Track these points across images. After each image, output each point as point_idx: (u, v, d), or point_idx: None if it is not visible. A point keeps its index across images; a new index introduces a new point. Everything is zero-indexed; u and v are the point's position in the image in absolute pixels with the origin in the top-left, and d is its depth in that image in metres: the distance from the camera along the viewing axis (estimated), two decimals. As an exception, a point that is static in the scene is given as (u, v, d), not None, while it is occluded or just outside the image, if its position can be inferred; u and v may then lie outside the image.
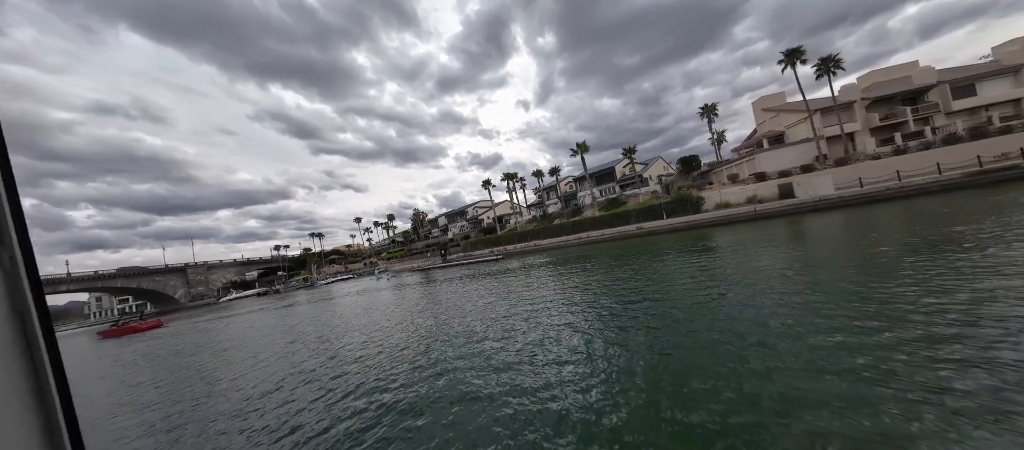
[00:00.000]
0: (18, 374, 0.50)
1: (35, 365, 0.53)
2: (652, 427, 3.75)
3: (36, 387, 0.52)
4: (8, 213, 0.52)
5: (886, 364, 4.05)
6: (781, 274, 8.91)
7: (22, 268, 0.53)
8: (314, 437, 4.87)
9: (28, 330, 0.53)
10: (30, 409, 0.51)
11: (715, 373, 4.52)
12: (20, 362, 0.51)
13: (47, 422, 0.52)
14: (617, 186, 56.32)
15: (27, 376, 0.52)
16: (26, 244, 0.54)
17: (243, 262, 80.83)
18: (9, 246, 0.52)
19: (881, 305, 5.70)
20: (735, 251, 14.12)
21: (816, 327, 5.34)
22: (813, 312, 5.95)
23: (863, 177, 28.15)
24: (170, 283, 64.71)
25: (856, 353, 4.41)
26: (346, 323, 13.91)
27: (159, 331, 26.11)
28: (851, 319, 5.39)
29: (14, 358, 0.50)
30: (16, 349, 0.51)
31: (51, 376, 0.53)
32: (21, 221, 0.54)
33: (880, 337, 4.68)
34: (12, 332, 0.51)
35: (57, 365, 0.55)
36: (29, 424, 0.50)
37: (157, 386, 9.46)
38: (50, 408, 0.53)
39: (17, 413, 0.49)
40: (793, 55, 35.58)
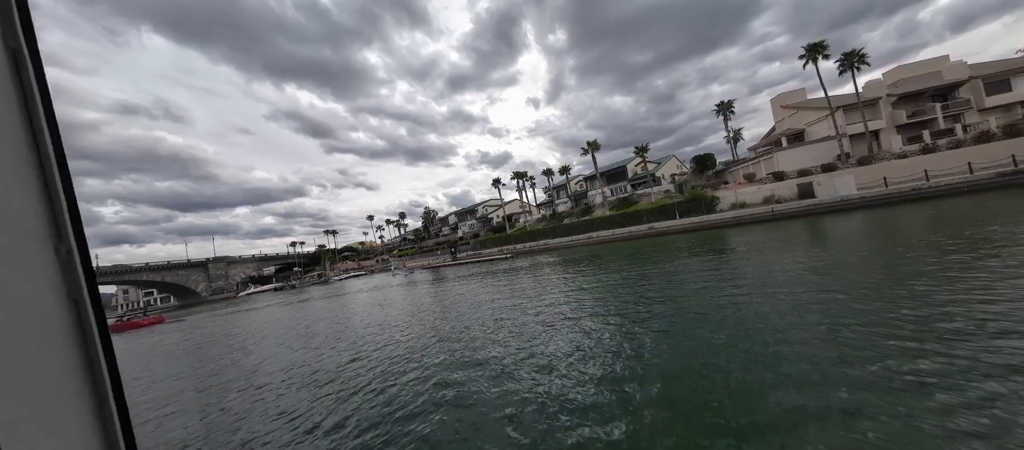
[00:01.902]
0: (75, 356, 0.57)
1: (88, 349, 0.59)
2: (665, 433, 3.83)
3: (90, 372, 0.59)
4: (65, 210, 0.58)
5: (914, 373, 4.07)
6: (802, 277, 8.86)
7: (77, 260, 0.59)
8: (341, 427, 5.09)
9: (83, 317, 0.59)
10: (86, 393, 0.57)
11: (731, 382, 4.57)
12: (76, 346, 0.58)
13: (99, 404, 0.59)
14: (628, 185, 55.94)
15: (82, 360, 0.58)
16: (81, 238, 0.60)
17: (261, 258, 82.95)
18: (66, 240, 0.58)
19: (910, 310, 5.63)
20: (752, 252, 14.02)
21: (839, 332, 5.35)
22: (836, 316, 5.96)
23: (888, 177, 27.50)
24: (192, 277, 67.07)
25: (880, 362, 4.43)
26: (362, 319, 14.23)
27: (161, 327, 26.84)
28: (878, 326, 5.38)
29: (72, 343, 0.57)
30: (73, 335, 0.57)
31: (103, 361, 0.59)
32: (77, 217, 0.60)
33: (911, 346, 4.68)
34: (69, 318, 0.58)
35: (108, 350, 0.61)
36: (84, 404, 0.57)
37: (192, 375, 9.89)
38: (102, 392, 0.59)
39: (74, 393, 0.56)
40: (815, 50, 34.89)
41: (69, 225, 0.59)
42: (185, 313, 38.73)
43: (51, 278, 0.57)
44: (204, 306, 49.62)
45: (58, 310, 0.56)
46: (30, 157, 0.56)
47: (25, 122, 0.56)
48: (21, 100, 0.56)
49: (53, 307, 0.56)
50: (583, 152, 53.53)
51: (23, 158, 0.55)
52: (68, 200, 0.59)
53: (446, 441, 4.21)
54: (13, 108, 0.55)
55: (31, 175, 0.55)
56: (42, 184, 0.57)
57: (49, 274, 0.57)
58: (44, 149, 0.57)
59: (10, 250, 0.52)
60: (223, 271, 72.03)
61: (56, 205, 0.58)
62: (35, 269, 0.55)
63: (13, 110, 0.55)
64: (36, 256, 0.55)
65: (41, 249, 0.56)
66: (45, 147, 0.57)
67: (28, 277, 0.54)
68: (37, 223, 0.56)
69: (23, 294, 0.53)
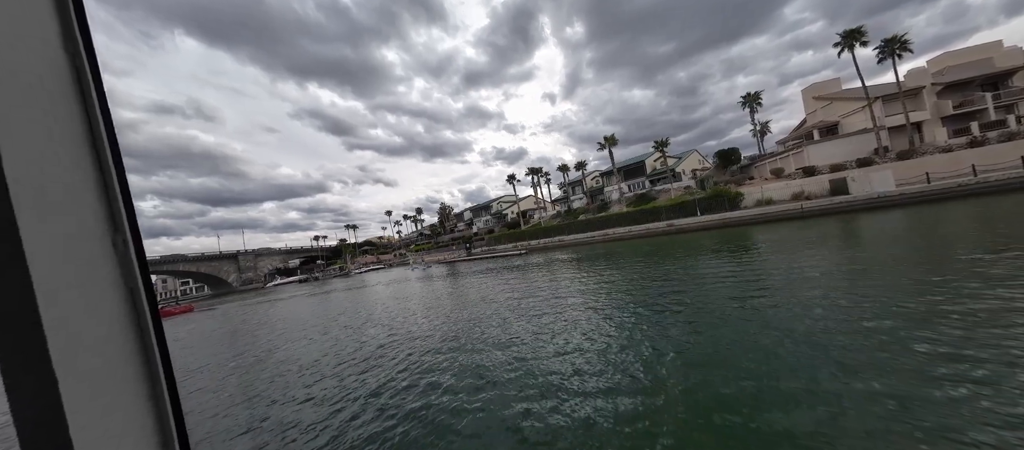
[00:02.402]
0: (132, 340, 0.63)
1: (143, 334, 0.64)
2: (680, 440, 3.69)
3: (144, 356, 0.64)
4: (121, 202, 0.63)
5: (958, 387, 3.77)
6: (835, 278, 8.43)
7: (132, 250, 0.63)
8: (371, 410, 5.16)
9: (137, 304, 0.64)
10: (141, 376, 0.63)
11: (758, 385, 4.36)
12: (132, 331, 0.63)
13: (152, 385, 0.64)
14: (647, 181, 54.80)
15: (138, 345, 0.64)
16: (135, 229, 0.65)
17: (287, 251, 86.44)
18: (122, 231, 0.63)
19: (958, 315, 5.27)
20: (780, 251, 13.44)
21: (876, 335, 5.04)
22: (874, 319, 5.62)
23: (931, 172, 25.88)
24: (224, 268, 70.53)
25: (920, 370, 4.13)
26: (384, 311, 14.52)
27: (191, 315, 28.26)
28: (919, 330, 5.04)
29: (128, 328, 0.63)
30: (130, 321, 0.63)
31: (156, 345, 0.65)
32: (131, 209, 0.65)
33: (955, 355, 4.36)
34: (125, 306, 0.63)
35: (160, 335, 0.66)
36: (140, 386, 0.62)
37: (225, 361, 10.30)
38: (155, 374, 0.65)
39: (132, 376, 0.61)
40: (852, 36, 33.08)
41: (124, 218, 0.63)
42: (217, 302, 40.65)
43: (110, 268, 0.61)
44: (234, 296, 52.44)
45: (116, 298, 0.61)
46: (89, 156, 0.60)
47: (85, 123, 0.61)
48: (81, 102, 0.61)
49: (112, 295, 0.61)
50: (600, 147, 52.72)
51: (84, 156, 0.60)
52: (123, 195, 0.64)
53: (460, 430, 4.22)
54: (74, 110, 0.60)
55: (90, 172, 0.60)
56: (100, 181, 0.61)
57: (108, 264, 0.61)
58: (101, 148, 0.62)
59: (74, 242, 0.57)
60: (252, 263, 75.67)
61: (112, 201, 0.63)
62: (96, 259, 0.59)
63: (74, 112, 0.60)
64: (96, 247, 0.60)
65: (101, 241, 0.61)
66: (102, 146, 0.62)
67: (90, 267, 0.58)
68: (96, 217, 0.61)
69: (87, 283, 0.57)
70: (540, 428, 4.00)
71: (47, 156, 0.55)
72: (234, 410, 6.16)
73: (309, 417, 5.31)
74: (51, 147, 0.56)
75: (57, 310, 0.53)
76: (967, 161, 25.14)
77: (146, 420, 0.63)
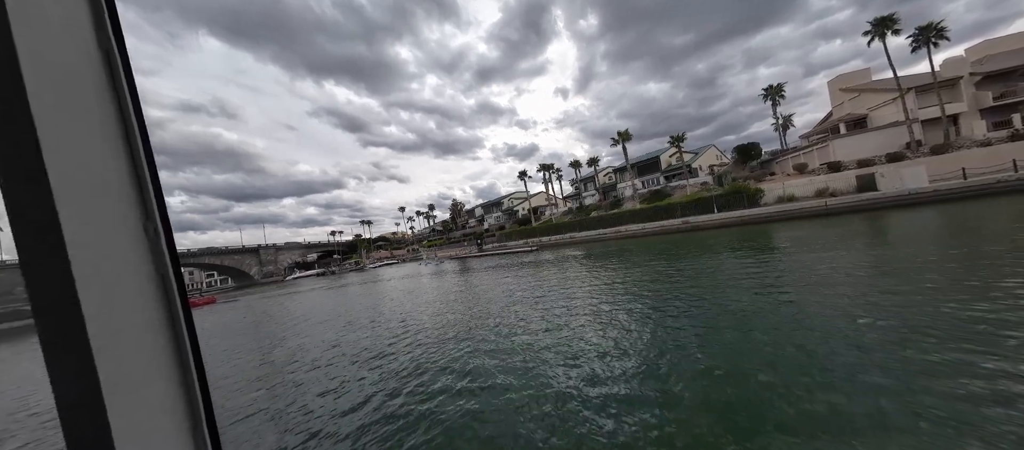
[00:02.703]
0: (163, 326, 0.67)
1: (173, 320, 0.68)
2: (699, 438, 3.53)
3: (175, 342, 0.68)
4: (152, 192, 0.67)
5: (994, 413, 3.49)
6: (862, 278, 8.04)
7: (162, 238, 0.67)
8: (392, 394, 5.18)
9: (168, 290, 0.68)
10: (173, 362, 0.67)
11: (775, 388, 4.16)
12: (164, 316, 0.67)
13: (183, 370, 0.68)
14: (661, 177, 53.78)
15: (169, 332, 0.67)
16: (165, 218, 0.69)
17: (305, 245, 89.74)
18: (153, 219, 0.67)
19: (997, 319, 4.92)
20: (802, 250, 12.94)
21: (907, 338, 4.74)
22: (903, 321, 5.30)
23: (968, 167, 24.56)
24: (246, 261, 73.60)
25: (955, 380, 3.85)
26: (398, 304, 14.74)
27: (214, 307, 29.36)
28: (954, 334, 4.72)
29: (160, 314, 0.66)
30: (161, 306, 0.67)
31: (186, 331, 0.68)
32: (161, 199, 0.69)
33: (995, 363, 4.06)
34: (156, 291, 0.67)
35: (189, 321, 0.70)
36: (171, 371, 0.66)
37: (248, 350, 10.58)
38: (185, 360, 0.68)
39: (163, 362, 0.65)
40: (883, 24, 31.52)
41: (156, 208, 0.67)
42: (240, 294, 42.13)
43: (143, 255, 0.65)
44: (256, 288, 54.95)
45: (148, 284, 0.65)
46: (123, 147, 0.64)
47: (118, 116, 0.64)
48: (114, 97, 0.64)
49: (145, 281, 0.65)
50: (613, 143, 51.94)
51: (117, 148, 0.63)
52: (153, 186, 0.68)
53: (471, 426, 4.20)
54: (107, 105, 0.63)
55: (123, 164, 0.64)
56: (132, 172, 0.65)
57: (141, 252, 0.65)
58: (133, 141, 0.66)
59: (110, 229, 0.60)
60: (273, 256, 78.76)
61: (144, 191, 0.66)
62: (130, 247, 0.63)
63: (108, 107, 0.63)
64: (130, 235, 0.63)
65: (134, 229, 0.64)
66: (134, 139, 0.66)
67: (125, 254, 0.62)
68: (130, 206, 0.64)
69: (122, 269, 0.61)
70: (553, 427, 3.89)
71: (84, 148, 0.58)
72: (257, 395, 6.37)
73: (325, 404, 5.44)
74: (88, 139, 0.59)
75: (95, 294, 0.55)
76: (1008, 156, 23.72)
77: (177, 402, 0.67)
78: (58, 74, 0.56)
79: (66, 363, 0.54)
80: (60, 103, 0.56)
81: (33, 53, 0.54)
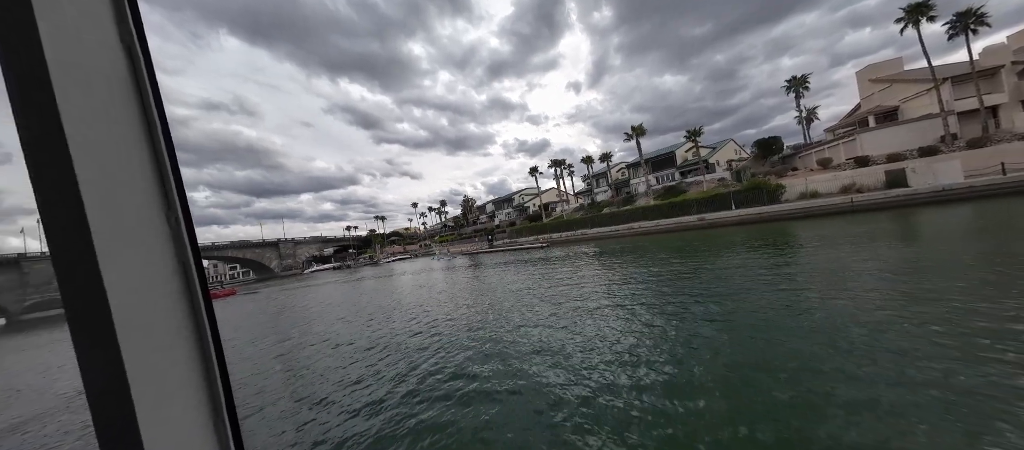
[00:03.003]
0: (185, 314, 0.68)
1: (194, 309, 0.70)
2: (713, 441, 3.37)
3: (196, 331, 0.70)
4: (173, 182, 0.69)
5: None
6: (891, 279, 7.64)
7: (183, 228, 0.70)
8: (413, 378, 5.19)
9: (189, 278, 0.70)
10: (193, 349, 0.69)
11: (804, 398, 3.95)
12: (185, 305, 0.69)
13: (204, 358, 0.70)
14: (677, 173, 52.68)
15: (191, 321, 0.69)
16: (186, 208, 0.71)
17: (322, 240, 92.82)
18: (175, 210, 0.69)
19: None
20: (826, 248, 12.44)
21: (942, 345, 4.45)
22: (938, 325, 4.99)
23: (1007, 162, 23.20)
24: (267, 255, 77.08)
25: (992, 390, 3.58)
26: (411, 298, 14.92)
27: (234, 298, 30.73)
28: (991, 339, 4.41)
29: (181, 302, 0.68)
30: (182, 294, 0.69)
31: (206, 320, 0.71)
32: (182, 191, 0.71)
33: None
34: (179, 280, 0.69)
35: (210, 311, 0.72)
36: (192, 359, 0.69)
37: (268, 340, 10.85)
38: (206, 349, 0.71)
39: (184, 348, 0.67)
40: (917, 10, 29.94)
41: (176, 197, 0.69)
42: (260, 286, 43.49)
43: (165, 244, 0.67)
44: (275, 281, 56.94)
45: (171, 274, 0.67)
46: (145, 141, 0.67)
47: (140, 110, 0.66)
48: (136, 91, 0.66)
49: (167, 271, 0.67)
50: (627, 138, 51.06)
51: (140, 142, 0.66)
52: (175, 178, 0.69)
53: (487, 422, 4.17)
54: (129, 99, 0.65)
55: (145, 157, 0.66)
56: (154, 164, 0.67)
57: (163, 240, 0.67)
58: (155, 134, 0.68)
59: (133, 221, 0.63)
60: (291, 250, 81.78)
61: (166, 183, 0.68)
62: (152, 235, 0.65)
63: (129, 101, 0.65)
64: (152, 224, 0.66)
65: (157, 220, 0.67)
66: (156, 132, 0.68)
67: (147, 242, 0.64)
68: (152, 198, 0.66)
69: (145, 257, 0.63)
70: (567, 426, 3.80)
71: (108, 141, 0.60)
72: (274, 383, 6.61)
73: (341, 396, 5.53)
74: (111, 133, 0.61)
75: (120, 283, 0.57)
76: (1055, 150, 22.31)
77: (198, 388, 0.69)
78: (82, 69, 0.58)
79: (93, 349, 0.56)
80: (84, 98, 0.58)
81: (58, 48, 0.56)
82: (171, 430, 0.62)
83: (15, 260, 49.37)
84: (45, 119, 0.54)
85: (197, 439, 0.67)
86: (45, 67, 0.54)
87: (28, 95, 0.54)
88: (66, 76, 0.56)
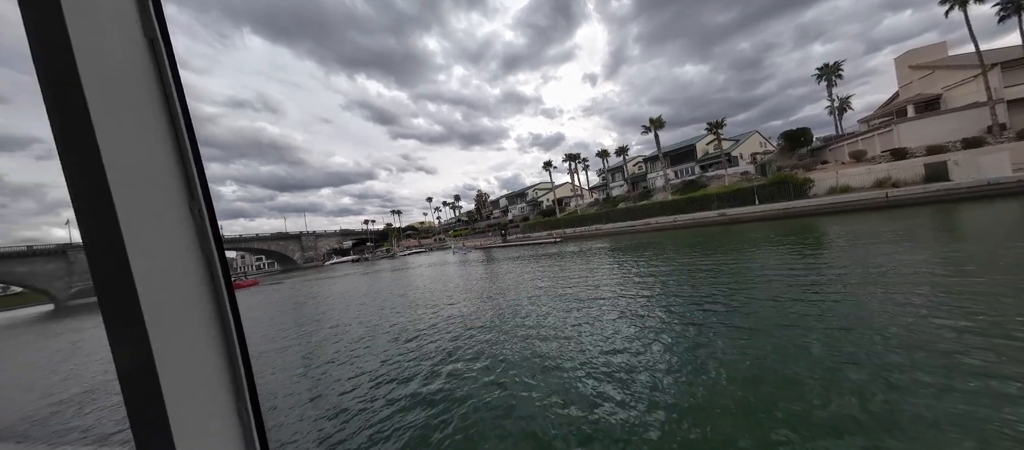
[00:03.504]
0: (208, 302, 0.71)
1: (218, 297, 0.72)
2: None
3: (219, 318, 0.72)
4: (196, 175, 0.72)
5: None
6: (936, 279, 7.17)
7: (206, 219, 0.72)
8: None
9: (213, 269, 0.73)
10: (216, 336, 0.72)
11: (822, 409, 3.70)
12: (208, 292, 0.71)
13: (227, 344, 0.73)
14: (697, 167, 51.26)
15: (214, 308, 0.72)
16: (209, 201, 0.74)
17: (341, 233, 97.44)
18: (198, 200, 0.72)
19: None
20: (858, 245, 11.81)
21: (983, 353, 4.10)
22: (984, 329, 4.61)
23: (1066, 154, 21.50)
24: (290, 247, 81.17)
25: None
26: (427, 291, 15.15)
27: (257, 288, 32.10)
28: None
29: (204, 290, 0.71)
30: (206, 283, 0.71)
31: (229, 307, 0.73)
32: (205, 183, 0.74)
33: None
34: (202, 270, 0.71)
35: (232, 299, 0.74)
36: (217, 345, 0.72)
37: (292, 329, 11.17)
38: (230, 336, 0.73)
39: (207, 336, 0.70)
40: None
41: (199, 187, 0.72)
42: (284, 277, 45.24)
43: (189, 236, 0.70)
44: (298, 271, 59.53)
45: (195, 263, 0.70)
46: (169, 134, 0.70)
47: (164, 104, 0.69)
48: (160, 85, 0.69)
49: (191, 260, 0.70)
50: (644, 130, 49.89)
51: (164, 135, 0.69)
52: (198, 171, 0.72)
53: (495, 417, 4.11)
54: (153, 93, 0.68)
55: (169, 150, 0.69)
56: (178, 157, 0.70)
57: (187, 230, 0.70)
58: (178, 127, 0.70)
59: (159, 213, 0.66)
60: (313, 243, 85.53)
61: (190, 176, 0.71)
62: (176, 226, 0.69)
63: (154, 95, 0.68)
64: (177, 217, 0.69)
65: (181, 211, 0.70)
66: (179, 125, 0.71)
67: (171, 232, 0.68)
68: (177, 190, 0.69)
69: (170, 249, 0.67)
70: (574, 430, 3.66)
71: (133, 135, 0.63)
72: (294, 369, 6.84)
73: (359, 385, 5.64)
74: (137, 127, 0.64)
75: (147, 272, 0.61)
76: (1121, 140, 20.53)
77: (222, 372, 0.72)
78: (108, 64, 0.61)
79: (124, 335, 0.60)
80: (112, 95, 0.61)
81: (86, 44, 0.58)
82: (197, 412, 0.65)
83: (62, 250, 52.74)
84: (76, 116, 0.57)
85: (221, 421, 0.71)
86: (74, 66, 0.56)
87: (60, 94, 0.57)
88: (94, 74, 0.58)
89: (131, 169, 0.61)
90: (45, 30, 0.57)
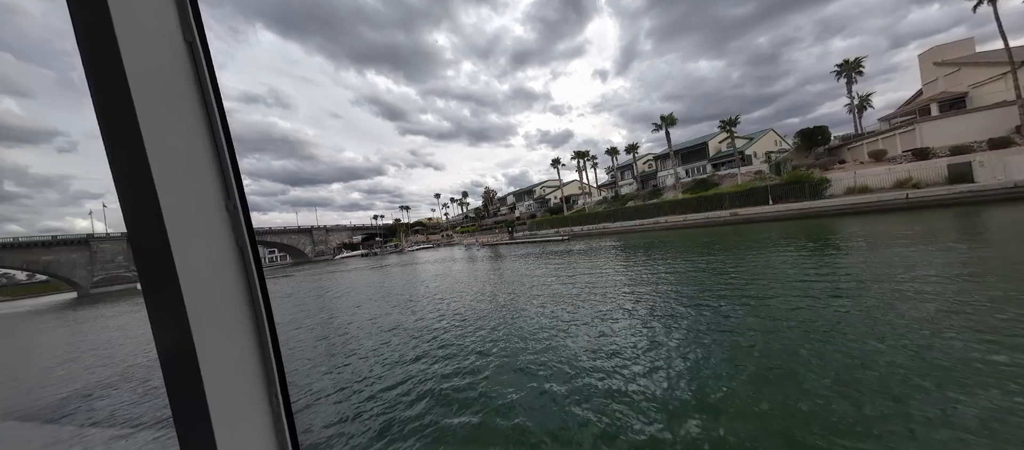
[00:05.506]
0: (242, 292, 0.76)
1: (251, 287, 0.78)
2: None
3: (252, 308, 0.77)
4: (231, 172, 0.76)
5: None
6: (960, 285, 7.08)
7: (240, 213, 0.77)
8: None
9: (245, 260, 0.77)
10: (249, 324, 0.76)
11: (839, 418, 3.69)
12: (242, 283, 0.76)
13: (259, 333, 0.78)
14: (709, 165, 50.81)
15: (247, 298, 0.77)
16: (243, 195, 0.79)
17: (351, 228, 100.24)
18: (233, 197, 0.76)
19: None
20: (878, 247, 11.66)
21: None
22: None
23: (1100, 156, 20.95)
24: (301, 241, 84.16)
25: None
26: (436, 286, 15.28)
27: (270, 280, 32.02)
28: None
29: (239, 281, 0.76)
30: (240, 274, 0.76)
31: (261, 297, 0.78)
32: (239, 178, 0.79)
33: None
34: (237, 260, 0.76)
35: (264, 289, 0.80)
36: (250, 333, 0.77)
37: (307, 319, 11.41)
38: (261, 324, 0.78)
39: (241, 323, 0.75)
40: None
41: (234, 185, 0.77)
42: (295, 271, 45.99)
43: (224, 227, 0.75)
44: (309, 265, 60.68)
45: (230, 253, 0.75)
46: (206, 133, 0.74)
47: (201, 104, 0.73)
48: (198, 86, 0.73)
49: (227, 251, 0.75)
50: (655, 128, 49.51)
51: (202, 133, 0.73)
52: (233, 167, 0.77)
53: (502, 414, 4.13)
54: (193, 93, 0.72)
55: (207, 148, 0.74)
56: (215, 155, 0.75)
57: (223, 224, 0.75)
58: (215, 126, 0.75)
59: (198, 206, 0.70)
60: (324, 237, 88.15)
61: (224, 172, 0.76)
62: (213, 220, 0.73)
63: (193, 95, 0.72)
64: (213, 210, 0.73)
65: (218, 205, 0.74)
66: (215, 124, 0.75)
67: (209, 227, 0.72)
68: (213, 186, 0.74)
69: (208, 240, 0.71)
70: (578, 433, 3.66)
71: (175, 133, 0.68)
72: (318, 357, 7.10)
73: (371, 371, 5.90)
74: (178, 126, 0.69)
75: (187, 261, 0.65)
76: None
77: (253, 354, 0.77)
78: (152, 65, 0.65)
79: (166, 321, 0.65)
80: (154, 92, 0.65)
81: (132, 47, 0.62)
82: (232, 398, 0.71)
83: (85, 240, 54.71)
84: (122, 115, 0.61)
85: (254, 406, 0.76)
86: (122, 66, 0.60)
87: (107, 92, 0.61)
88: (139, 75, 0.62)
89: (173, 166, 0.65)
90: (94, 32, 0.60)
